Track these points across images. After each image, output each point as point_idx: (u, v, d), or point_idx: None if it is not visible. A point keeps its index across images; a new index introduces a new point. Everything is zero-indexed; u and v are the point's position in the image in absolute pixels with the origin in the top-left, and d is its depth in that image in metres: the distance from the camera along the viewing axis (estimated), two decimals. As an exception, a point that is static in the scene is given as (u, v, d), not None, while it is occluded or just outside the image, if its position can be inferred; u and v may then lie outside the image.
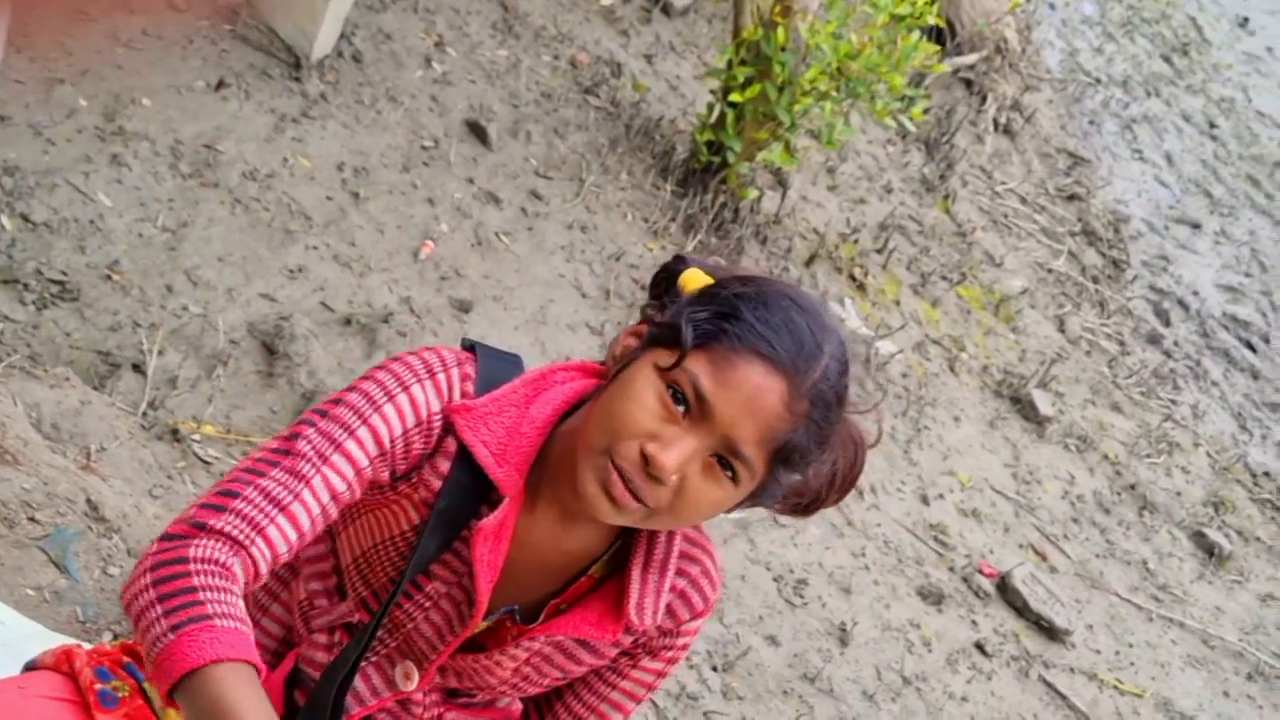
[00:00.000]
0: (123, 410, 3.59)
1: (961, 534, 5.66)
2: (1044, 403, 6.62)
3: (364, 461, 1.71)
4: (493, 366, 1.81)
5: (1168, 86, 10.42)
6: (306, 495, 1.66)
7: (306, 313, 4.37)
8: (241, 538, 1.60)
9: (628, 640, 1.89)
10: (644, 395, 1.64)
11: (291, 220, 4.69)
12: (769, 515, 5.06)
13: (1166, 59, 10.80)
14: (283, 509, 1.64)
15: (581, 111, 6.01)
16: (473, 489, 1.79)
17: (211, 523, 1.59)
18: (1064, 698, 5.06)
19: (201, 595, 1.50)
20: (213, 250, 4.41)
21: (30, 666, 1.97)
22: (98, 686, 1.92)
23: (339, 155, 5.07)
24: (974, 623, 5.20)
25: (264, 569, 1.63)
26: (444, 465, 1.78)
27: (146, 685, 1.95)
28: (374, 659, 1.96)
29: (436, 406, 1.75)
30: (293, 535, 1.65)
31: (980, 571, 5.48)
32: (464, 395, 1.77)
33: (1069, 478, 6.40)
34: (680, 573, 1.85)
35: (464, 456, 1.76)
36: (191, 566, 1.54)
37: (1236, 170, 9.91)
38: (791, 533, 5.07)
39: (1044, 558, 5.84)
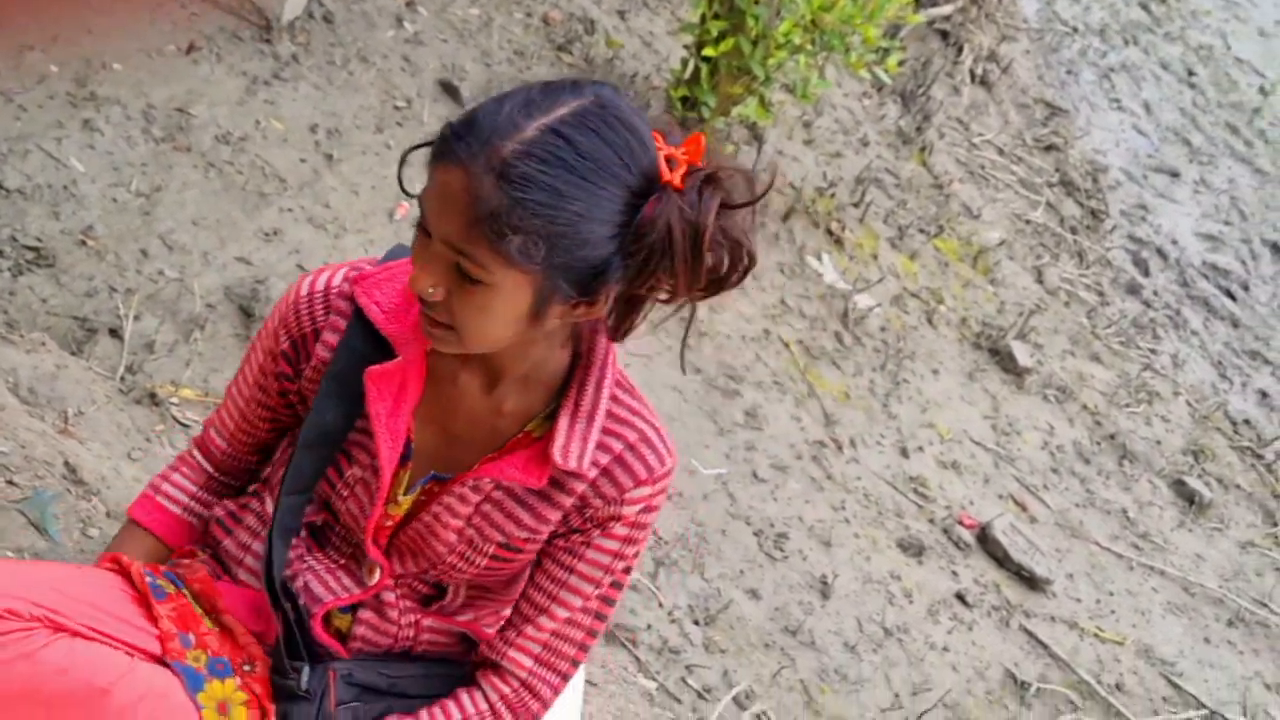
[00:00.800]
0: (100, 375, 3.58)
1: (941, 486, 5.69)
2: (1023, 354, 6.64)
3: (260, 357, 2.04)
4: (400, 252, 1.99)
5: (1145, 34, 10.43)
6: (235, 393, 2.12)
7: (282, 276, 4.37)
8: (201, 431, 2.19)
9: (568, 502, 1.91)
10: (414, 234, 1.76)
11: (265, 183, 4.68)
12: (748, 468, 5.09)
13: (1144, 6, 10.80)
14: (223, 406, 2.15)
15: (554, 69, 6.00)
16: (369, 355, 1.91)
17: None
18: (1045, 646, 5.10)
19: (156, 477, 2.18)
20: (187, 214, 4.40)
21: None
22: (148, 581, 1.98)
23: (311, 117, 5.05)
24: (954, 574, 5.24)
25: (217, 449, 2.17)
26: (333, 339, 1.94)
27: (186, 589, 2.05)
28: (341, 561, 2.07)
29: (322, 285, 1.96)
30: (230, 421, 2.13)
31: (960, 523, 5.51)
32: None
33: (1048, 428, 6.44)
34: (613, 433, 1.90)
35: (358, 321, 1.92)
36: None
37: (1215, 118, 9.94)
38: (771, 487, 5.09)
39: (1024, 508, 5.88)
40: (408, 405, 1.91)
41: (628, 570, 1.99)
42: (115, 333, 3.87)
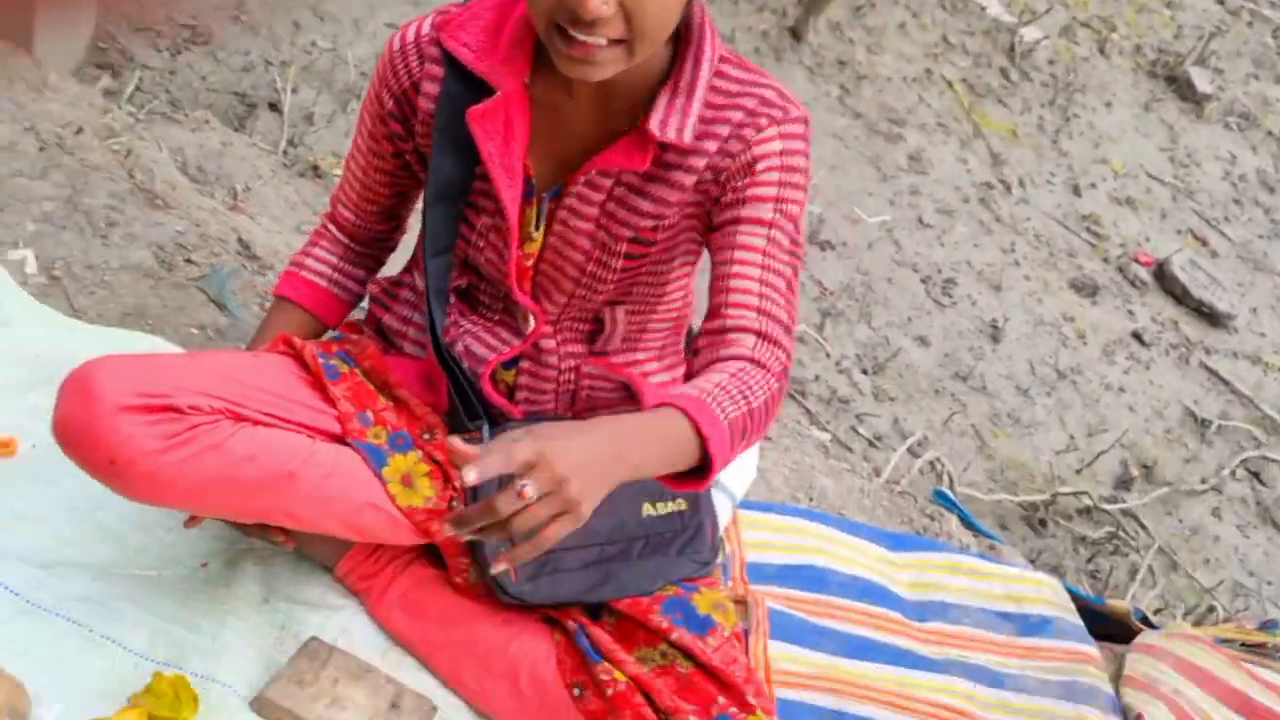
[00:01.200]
0: (263, 149, 3.62)
1: (1115, 223, 5.53)
2: (1202, 80, 6.35)
3: (369, 121, 2.04)
4: None
5: None
6: (353, 163, 2.14)
7: (435, 39, 4.32)
8: (329, 208, 2.24)
9: (690, 180, 1.86)
10: None
11: (412, -55, 4.61)
12: (913, 214, 4.99)
13: None
14: (344, 179, 2.18)
15: None
16: (469, 98, 1.87)
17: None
18: (1227, 383, 5.00)
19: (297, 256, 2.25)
20: (336, -18, 4.37)
21: None
22: (321, 363, 2.03)
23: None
24: (1130, 312, 5.12)
25: (349, 218, 2.20)
26: (433, 88, 1.93)
27: (360, 367, 2.11)
28: (495, 318, 2.09)
29: (411, 36, 1.94)
30: (352, 191, 2.17)
31: (1136, 260, 5.37)
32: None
33: (1230, 158, 6.18)
34: (729, 105, 1.85)
35: (450, 67, 1.89)
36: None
37: None
38: (938, 232, 4.99)
39: (1204, 242, 5.69)
40: (519, 140, 1.88)
41: (797, 207, 1.89)
42: (274, 107, 3.89)
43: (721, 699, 1.90)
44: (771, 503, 2.77)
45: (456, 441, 1.51)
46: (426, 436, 2.06)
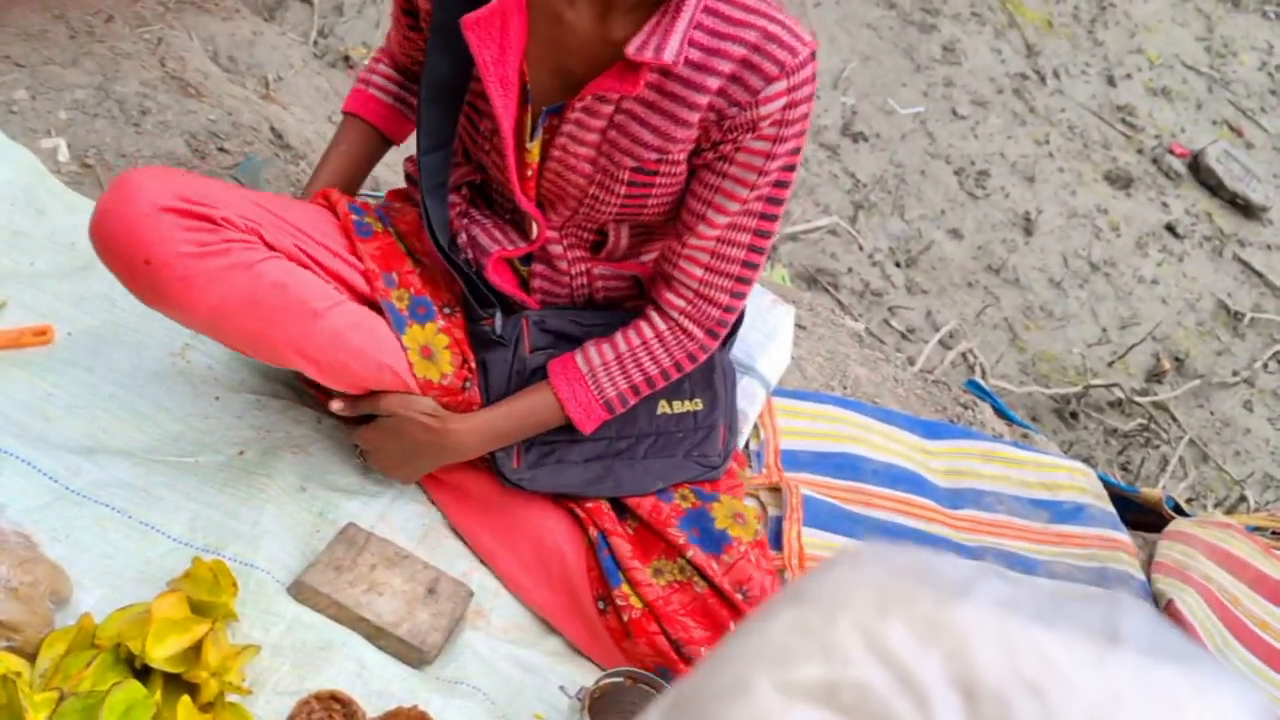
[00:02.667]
0: (294, 40, 3.59)
1: (1150, 114, 5.46)
2: (1241, -31, 6.23)
3: None
4: None
5: None
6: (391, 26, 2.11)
7: (463, -73, 4.27)
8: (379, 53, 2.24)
9: (695, 116, 1.84)
10: None
11: None
12: (947, 105, 4.94)
13: None
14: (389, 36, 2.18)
15: None
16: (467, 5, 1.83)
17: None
18: (1260, 275, 4.96)
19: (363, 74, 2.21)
20: None
21: None
22: (353, 218, 2.03)
23: None
24: (1164, 204, 5.07)
25: (399, 56, 2.18)
26: None
27: (394, 228, 2.11)
28: (506, 217, 2.09)
29: None
30: (394, 39, 2.15)
31: (1171, 151, 5.30)
32: None
33: (1267, 47, 6.07)
34: (729, 36, 1.79)
35: None
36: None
37: None
38: (971, 123, 4.94)
39: (1239, 133, 5.61)
40: (514, 50, 1.83)
41: (789, 169, 1.91)
42: (304, -3, 3.87)
43: (733, 625, 1.93)
44: (806, 390, 2.77)
45: (340, 399, 2.03)
46: (448, 310, 2.07)
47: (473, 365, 2.08)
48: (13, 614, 1.68)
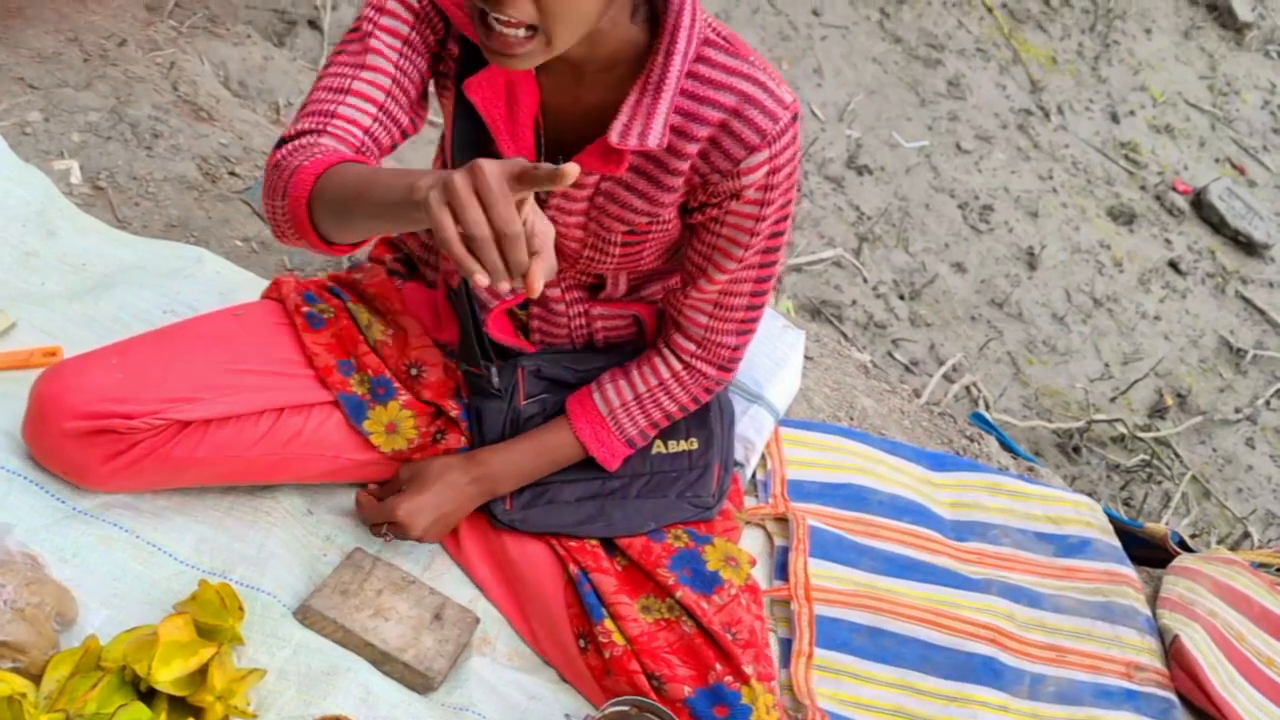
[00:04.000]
0: (304, 65, 3.60)
1: (1154, 151, 5.48)
2: (1243, 8, 6.26)
3: (404, 29, 1.79)
4: None
5: None
6: (366, 74, 1.77)
7: (472, -43, 4.29)
8: (317, 126, 1.73)
9: (678, 181, 1.82)
10: None
11: None
12: (951, 139, 4.95)
13: None
14: (347, 91, 1.76)
15: None
16: (472, 60, 1.80)
17: (289, 132, 1.75)
18: (1263, 313, 4.96)
19: (293, 161, 1.67)
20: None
21: None
22: (305, 309, 2.06)
23: None
24: (1167, 241, 5.09)
25: (356, 138, 1.75)
26: (455, 48, 1.84)
27: (351, 305, 2.10)
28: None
29: None
30: (369, 106, 1.76)
31: (1174, 188, 5.32)
32: None
33: (1269, 86, 6.10)
34: (707, 99, 1.75)
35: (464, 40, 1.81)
36: (280, 159, 1.70)
37: None
38: (976, 158, 4.95)
39: (1242, 171, 5.63)
40: (526, 106, 1.81)
41: (781, 220, 1.90)
42: (314, 24, 3.88)
43: (719, 666, 1.92)
44: (813, 421, 2.77)
45: (360, 493, 2.06)
46: (414, 373, 2.10)
47: (451, 415, 2.11)
48: (18, 635, 1.67)
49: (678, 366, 2.07)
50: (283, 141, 1.75)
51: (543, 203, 1.89)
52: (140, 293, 2.31)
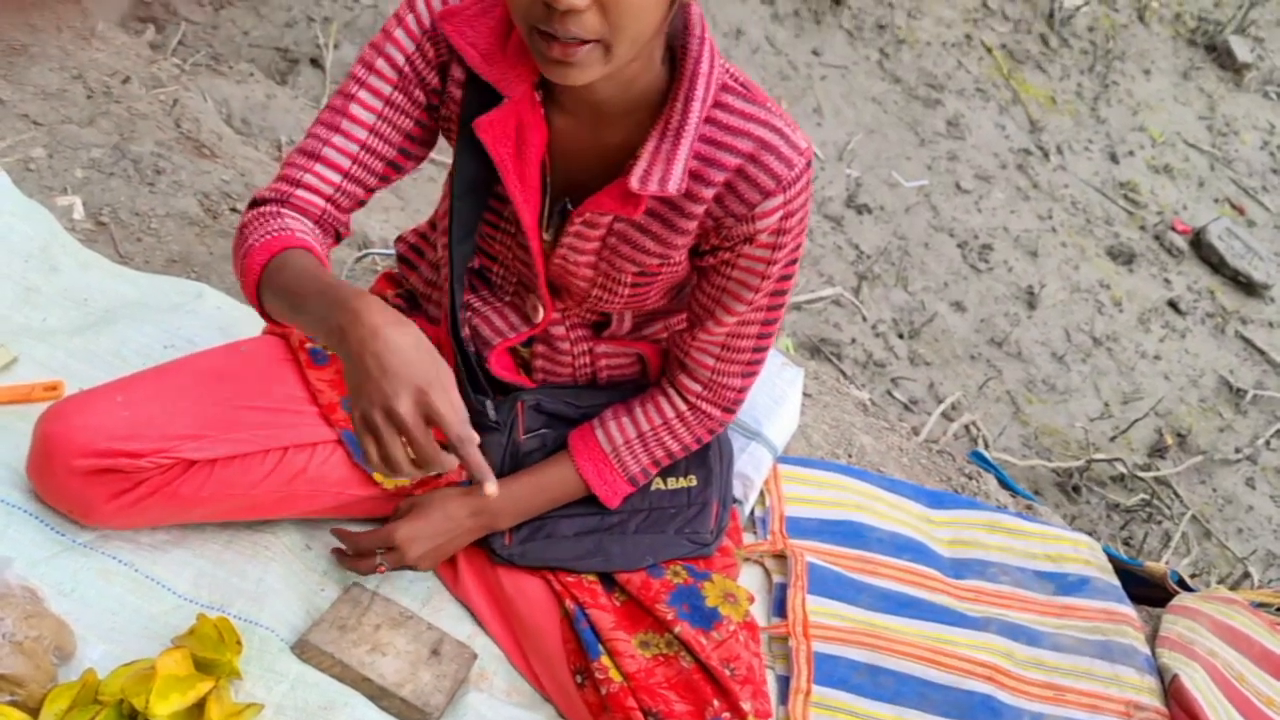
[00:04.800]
0: (306, 104, 3.63)
1: (1153, 191, 5.49)
2: (1242, 49, 6.29)
3: (386, 89, 1.83)
4: None
5: None
6: (338, 139, 1.84)
7: (475, -3, 4.32)
8: (280, 195, 1.84)
9: (692, 225, 1.83)
10: None
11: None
12: (951, 179, 4.98)
13: None
14: (317, 157, 1.84)
15: None
16: (482, 98, 1.79)
17: (260, 194, 1.85)
18: (1262, 353, 4.97)
19: (249, 235, 1.77)
20: (377, -62, 4.36)
21: None
22: (308, 345, 2.06)
23: None
24: (1167, 281, 5.10)
25: (318, 207, 1.84)
26: (457, 92, 1.83)
27: None
28: (506, 299, 2.07)
29: (428, 21, 1.79)
30: (333, 175, 1.84)
31: (1173, 228, 5.33)
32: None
33: (1269, 127, 6.13)
34: (725, 145, 1.76)
35: (472, 77, 1.80)
36: (244, 225, 1.81)
37: None
38: (975, 198, 4.97)
39: (1241, 211, 5.65)
40: (534, 146, 1.81)
41: (791, 264, 1.91)
42: (316, 62, 3.90)
43: (716, 702, 1.91)
44: (811, 458, 2.78)
45: (339, 529, 2.05)
46: None
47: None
48: (17, 668, 1.68)
49: (683, 407, 2.07)
50: (253, 204, 1.84)
51: (556, 243, 1.90)
52: (141, 328, 2.31)
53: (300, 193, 1.83)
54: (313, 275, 1.68)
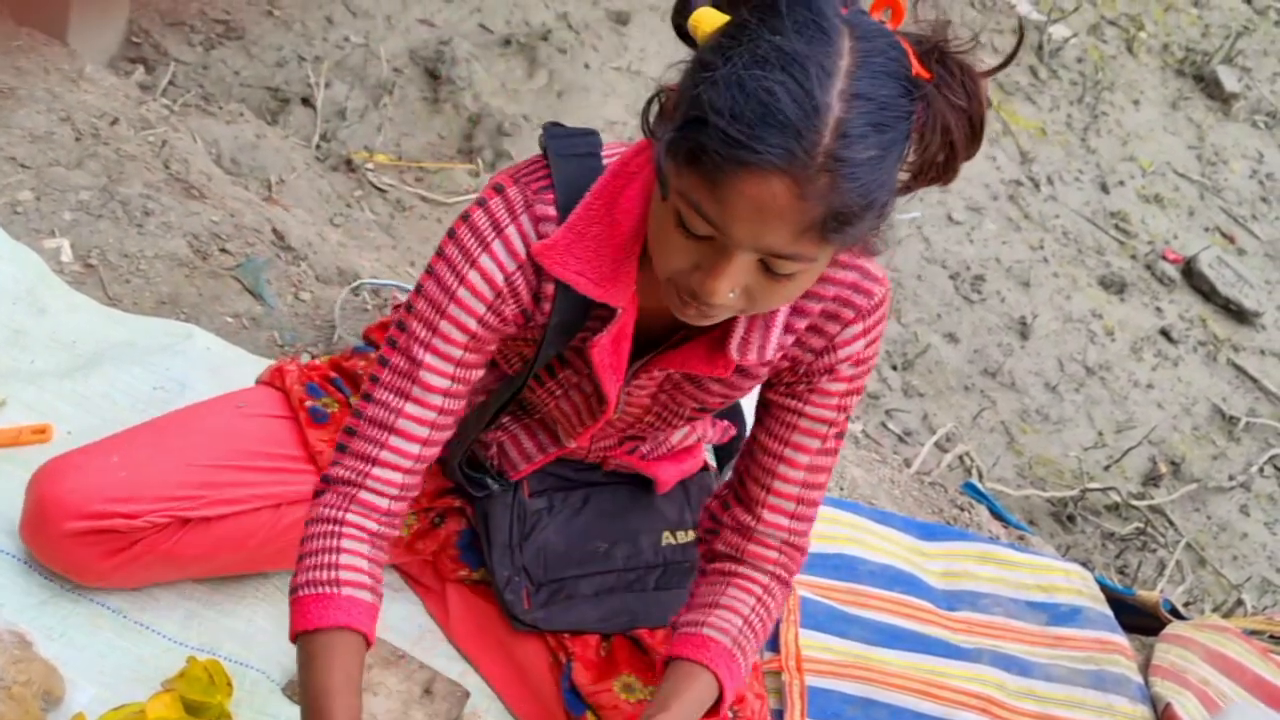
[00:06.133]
0: (297, 143, 3.63)
1: (1144, 220, 5.51)
2: (1229, 79, 6.31)
3: (456, 353, 1.69)
4: (569, 173, 1.66)
5: None
6: (410, 407, 1.69)
7: (465, 35, 4.34)
8: (355, 477, 1.70)
9: (764, 370, 1.78)
10: (666, 227, 1.46)
11: (442, -59, 4.62)
12: (943, 210, 5.00)
13: None
14: (391, 429, 1.70)
15: None
16: (582, 304, 1.69)
17: (332, 473, 1.72)
18: (1255, 380, 4.98)
19: (305, 570, 1.65)
20: (367, -22, 4.38)
21: None
22: (309, 403, 2.06)
23: None
24: (1159, 309, 5.11)
25: (392, 486, 1.71)
26: (547, 306, 1.71)
27: (354, 400, 2.09)
28: (536, 417, 2.03)
29: (513, 266, 1.66)
30: (411, 447, 1.71)
31: (1164, 257, 5.35)
32: (541, 236, 1.65)
33: (1257, 156, 6.15)
34: (810, 294, 1.69)
35: (564, 286, 1.67)
36: (311, 529, 1.69)
37: None
38: (967, 229, 4.99)
39: (1231, 240, 5.66)
40: (625, 341, 1.74)
41: (868, 378, 1.83)
42: (307, 101, 3.91)
43: None
44: (801, 493, 2.77)
45: None
46: None
47: (440, 511, 2.12)
48: (5, 714, 1.67)
49: (766, 580, 1.87)
50: (326, 480, 1.73)
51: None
52: (130, 369, 2.32)
53: (376, 473, 1.70)
54: (323, 673, 1.59)
